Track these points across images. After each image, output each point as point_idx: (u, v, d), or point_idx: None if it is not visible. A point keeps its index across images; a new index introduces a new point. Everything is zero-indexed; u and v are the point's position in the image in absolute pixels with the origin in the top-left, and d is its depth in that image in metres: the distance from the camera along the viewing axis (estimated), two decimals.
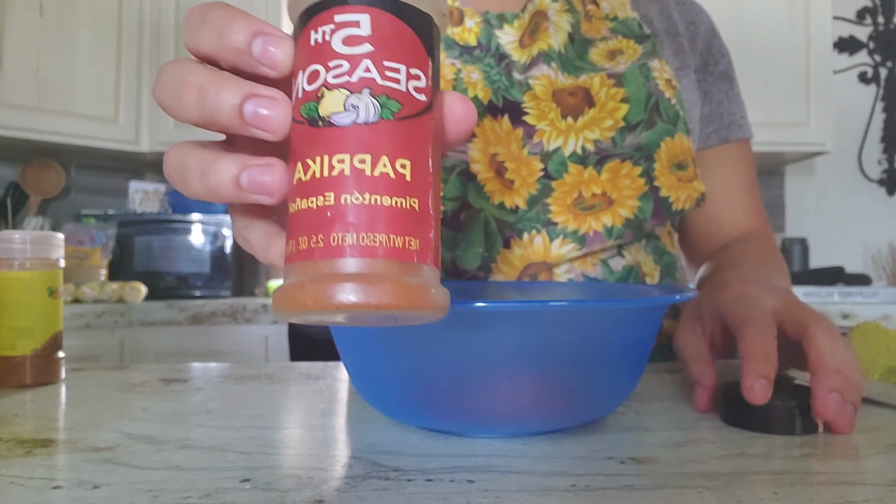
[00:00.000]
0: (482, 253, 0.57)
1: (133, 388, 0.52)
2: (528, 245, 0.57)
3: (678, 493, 0.28)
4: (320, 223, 0.22)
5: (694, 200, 0.60)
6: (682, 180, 0.59)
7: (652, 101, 0.58)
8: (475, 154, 0.57)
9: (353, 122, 0.22)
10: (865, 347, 0.46)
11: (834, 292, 1.79)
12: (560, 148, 0.57)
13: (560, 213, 0.57)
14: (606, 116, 0.57)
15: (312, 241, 0.22)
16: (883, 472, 0.31)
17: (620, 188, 0.57)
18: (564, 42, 0.60)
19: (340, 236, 0.22)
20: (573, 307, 0.33)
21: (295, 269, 0.23)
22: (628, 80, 0.58)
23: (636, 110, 0.57)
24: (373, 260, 0.22)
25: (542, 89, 0.58)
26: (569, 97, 0.58)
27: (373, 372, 0.37)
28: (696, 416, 0.42)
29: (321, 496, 0.28)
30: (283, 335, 1.87)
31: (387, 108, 0.23)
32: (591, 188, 0.57)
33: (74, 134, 2.09)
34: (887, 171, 2.46)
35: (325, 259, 0.22)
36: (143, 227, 2.15)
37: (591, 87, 0.58)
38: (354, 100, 0.23)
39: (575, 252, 0.57)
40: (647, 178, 0.57)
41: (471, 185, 0.57)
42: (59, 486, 0.30)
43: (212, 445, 0.36)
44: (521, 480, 0.30)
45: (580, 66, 0.60)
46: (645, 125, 0.57)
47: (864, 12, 2.48)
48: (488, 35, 0.60)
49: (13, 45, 1.96)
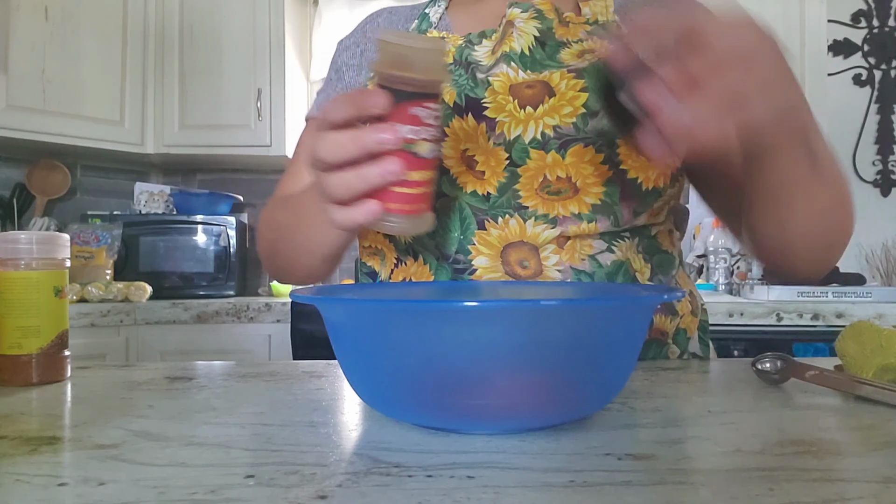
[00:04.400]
0: (458, 237, 0.62)
1: (138, 386, 0.53)
2: (504, 227, 0.61)
3: (674, 489, 0.29)
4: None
5: (668, 177, 0.61)
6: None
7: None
8: (448, 151, 0.62)
9: (428, 155, 0.45)
10: (860, 346, 0.47)
11: (828, 291, 1.80)
12: (520, 135, 0.60)
13: (529, 198, 0.60)
14: (566, 104, 0.59)
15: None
16: (878, 469, 0.31)
17: (584, 175, 0.59)
18: (529, 44, 0.63)
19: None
20: (565, 306, 0.34)
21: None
22: (588, 73, 0.60)
23: (595, 98, 0.59)
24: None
25: (500, 84, 0.61)
26: (526, 89, 0.60)
27: (370, 372, 0.38)
28: (691, 414, 0.42)
29: (323, 492, 0.29)
30: (286, 334, 1.87)
31: (436, 148, 0.46)
32: (556, 171, 0.59)
33: (80, 136, 2.10)
34: (881, 172, 2.47)
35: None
36: (148, 227, 2.16)
37: (551, 81, 0.60)
38: (430, 147, 0.45)
39: (549, 231, 0.60)
40: (611, 163, 0.59)
41: (444, 178, 0.62)
42: (64, 484, 0.30)
43: (216, 442, 0.36)
44: (520, 476, 0.31)
45: (547, 65, 0.62)
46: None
47: (858, 15, 2.48)
48: (462, 52, 0.65)
49: (19, 48, 1.97)
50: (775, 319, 1.70)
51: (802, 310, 1.70)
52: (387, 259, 0.68)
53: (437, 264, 0.63)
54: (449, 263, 0.62)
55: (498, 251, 0.61)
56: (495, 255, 0.61)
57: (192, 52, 2.28)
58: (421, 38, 0.46)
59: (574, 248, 0.60)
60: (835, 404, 0.45)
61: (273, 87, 2.26)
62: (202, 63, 2.28)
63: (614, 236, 0.61)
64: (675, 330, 0.67)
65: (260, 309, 1.87)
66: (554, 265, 0.60)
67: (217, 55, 2.27)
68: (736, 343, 1.69)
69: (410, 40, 0.43)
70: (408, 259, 0.65)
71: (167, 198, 2.41)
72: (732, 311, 1.69)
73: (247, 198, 2.52)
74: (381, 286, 0.60)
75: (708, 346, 0.72)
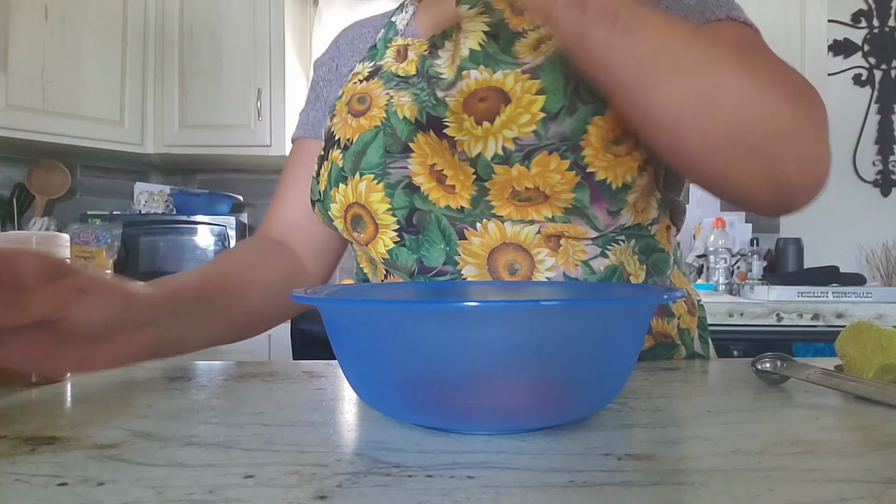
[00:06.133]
0: (444, 248, 0.60)
1: (138, 385, 0.52)
2: (484, 233, 0.59)
3: (674, 490, 0.29)
4: None
5: (635, 170, 0.59)
6: (619, 156, 0.58)
7: (571, 87, 0.57)
8: (415, 167, 0.60)
9: None
10: (860, 346, 0.47)
11: (828, 292, 1.81)
12: (481, 153, 0.58)
13: (502, 207, 0.59)
14: (523, 111, 0.57)
15: None
16: (878, 470, 0.31)
17: (552, 184, 0.57)
18: (479, 41, 0.61)
19: None
20: (566, 306, 0.34)
21: None
22: (544, 70, 0.58)
23: (554, 98, 0.57)
24: None
25: (456, 104, 0.59)
26: (479, 103, 0.58)
27: (370, 372, 0.38)
28: (691, 414, 0.42)
29: (323, 492, 0.29)
30: (285, 334, 1.87)
31: None
32: (524, 182, 0.58)
33: (80, 136, 2.10)
34: (881, 172, 2.47)
35: None
36: (148, 227, 2.16)
37: (504, 86, 0.58)
38: None
39: (528, 228, 0.59)
40: (577, 168, 0.57)
41: (416, 195, 0.60)
42: (64, 483, 0.30)
43: (215, 442, 0.36)
44: (520, 477, 0.31)
45: (501, 60, 0.60)
46: (567, 111, 0.56)
47: (858, 15, 2.48)
48: (424, 62, 0.65)
49: (19, 48, 1.98)
50: (775, 319, 1.70)
51: (802, 310, 1.70)
52: (378, 268, 0.67)
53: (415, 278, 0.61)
54: (431, 276, 0.61)
55: (484, 258, 0.60)
56: (482, 263, 0.60)
57: (192, 52, 2.28)
58: None
59: (567, 253, 0.59)
60: (835, 404, 0.45)
61: (273, 87, 2.26)
62: (202, 63, 2.28)
63: (609, 240, 0.60)
64: (678, 331, 0.66)
65: None
66: (547, 269, 0.59)
67: (217, 55, 2.28)
68: (736, 343, 1.69)
69: None
70: (394, 273, 0.64)
71: (167, 198, 2.41)
72: (732, 311, 1.70)
73: (247, 198, 2.52)
74: (380, 286, 0.60)
75: (708, 344, 0.72)
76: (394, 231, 0.61)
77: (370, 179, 0.61)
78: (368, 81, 0.67)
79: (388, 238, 0.62)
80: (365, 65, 0.70)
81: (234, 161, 2.44)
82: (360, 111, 0.64)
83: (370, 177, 0.61)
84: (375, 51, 0.70)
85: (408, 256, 0.61)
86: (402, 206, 0.61)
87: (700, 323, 0.71)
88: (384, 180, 0.61)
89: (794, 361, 0.50)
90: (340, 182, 0.63)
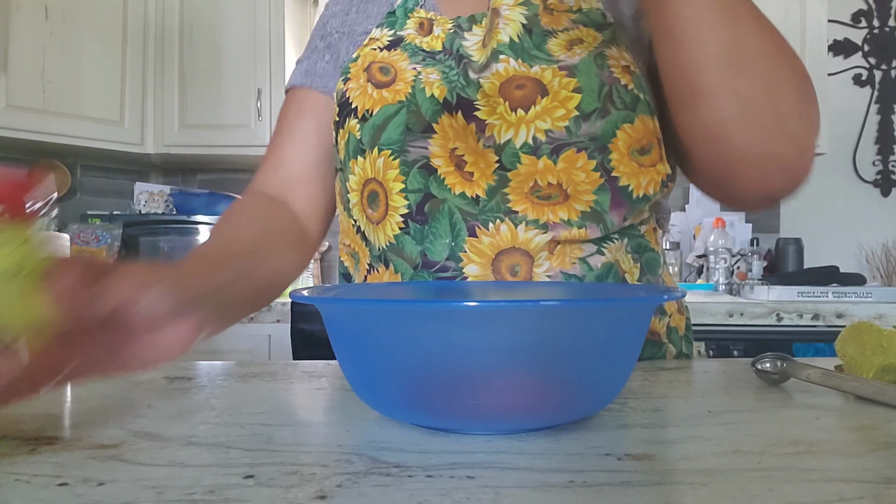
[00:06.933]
0: (449, 243, 0.59)
1: (138, 385, 0.52)
2: (495, 233, 0.58)
3: (674, 490, 0.29)
4: None
5: (658, 183, 0.60)
6: (643, 165, 0.58)
7: (605, 91, 0.58)
8: (435, 149, 0.59)
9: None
10: (860, 346, 0.47)
11: (828, 292, 1.81)
12: (511, 140, 0.58)
13: (519, 202, 0.58)
14: (559, 106, 0.58)
15: None
16: (878, 470, 0.31)
17: (576, 182, 0.57)
18: (518, 32, 0.61)
19: None
20: (566, 306, 0.34)
21: None
22: (580, 71, 0.58)
23: (589, 99, 0.57)
24: None
25: (491, 86, 0.59)
26: (516, 90, 0.58)
27: (370, 372, 0.38)
28: (691, 414, 0.42)
29: (323, 492, 0.29)
30: (286, 334, 1.87)
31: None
32: (547, 177, 0.57)
33: (80, 136, 2.10)
34: (881, 172, 2.47)
35: None
36: (148, 227, 2.16)
37: (543, 79, 0.59)
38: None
39: (541, 236, 0.58)
40: (603, 170, 0.58)
41: (432, 178, 0.59)
42: (64, 483, 0.30)
43: (215, 442, 0.36)
44: (520, 477, 0.31)
45: (535, 56, 0.60)
46: (599, 114, 0.57)
47: (858, 15, 2.48)
48: (452, 40, 0.63)
49: (19, 48, 1.98)
50: (775, 319, 1.70)
51: (802, 310, 1.70)
52: (360, 263, 0.66)
53: (415, 273, 0.60)
54: (433, 271, 0.59)
55: (490, 259, 0.59)
56: (486, 264, 0.59)
57: (192, 52, 2.28)
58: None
59: (564, 252, 0.59)
60: (835, 404, 0.45)
61: (273, 87, 2.26)
62: (202, 63, 2.28)
63: (604, 238, 0.60)
64: (667, 329, 0.67)
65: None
66: (545, 271, 0.59)
67: (217, 55, 2.28)
68: (736, 343, 1.69)
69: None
70: (380, 266, 0.63)
71: (167, 198, 2.41)
72: (732, 311, 1.70)
73: None
74: (380, 286, 0.60)
75: (691, 344, 0.72)
76: (401, 216, 0.60)
77: (387, 155, 0.60)
78: (390, 51, 0.65)
79: (395, 223, 0.61)
80: (384, 31, 0.67)
81: (234, 161, 2.44)
82: (383, 82, 0.63)
83: (388, 152, 0.60)
84: (395, 18, 0.68)
85: (413, 247, 0.60)
86: (416, 188, 0.59)
87: (686, 324, 0.71)
88: (401, 157, 0.60)
89: (794, 361, 0.50)
90: (359, 154, 0.62)
